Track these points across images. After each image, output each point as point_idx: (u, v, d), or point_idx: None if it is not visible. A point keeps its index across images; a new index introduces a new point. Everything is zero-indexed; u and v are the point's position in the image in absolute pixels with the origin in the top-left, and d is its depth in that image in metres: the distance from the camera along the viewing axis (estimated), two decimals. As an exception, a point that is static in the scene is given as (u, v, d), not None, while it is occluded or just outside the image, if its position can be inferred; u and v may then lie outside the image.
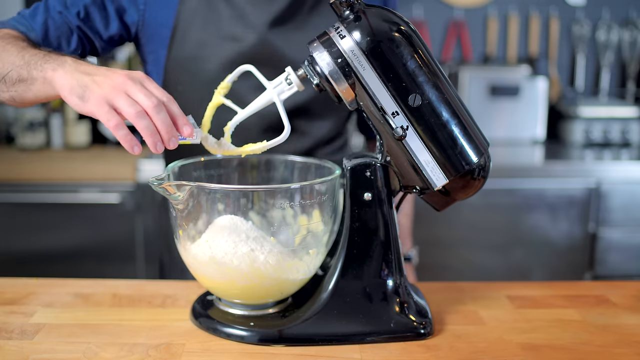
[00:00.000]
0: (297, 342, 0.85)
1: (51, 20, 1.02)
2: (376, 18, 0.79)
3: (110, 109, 0.76)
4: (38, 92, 0.84)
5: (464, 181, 0.85)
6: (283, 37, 1.08)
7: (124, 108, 0.76)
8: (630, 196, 2.36)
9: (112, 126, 0.75)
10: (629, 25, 2.90)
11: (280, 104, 0.86)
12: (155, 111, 0.76)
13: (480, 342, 0.86)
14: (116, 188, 2.19)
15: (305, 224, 0.87)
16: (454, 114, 0.82)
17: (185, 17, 1.07)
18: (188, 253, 0.87)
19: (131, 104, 0.76)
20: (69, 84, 0.78)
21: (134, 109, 0.76)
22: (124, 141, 0.76)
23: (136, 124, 0.76)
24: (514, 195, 2.33)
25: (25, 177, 2.19)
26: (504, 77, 2.63)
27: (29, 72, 0.84)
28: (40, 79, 0.83)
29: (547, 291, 1.04)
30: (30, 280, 1.04)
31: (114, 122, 0.75)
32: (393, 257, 0.87)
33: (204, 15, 1.07)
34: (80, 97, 0.77)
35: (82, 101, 0.77)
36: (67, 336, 0.85)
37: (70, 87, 0.78)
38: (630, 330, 0.91)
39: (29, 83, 0.84)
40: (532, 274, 2.39)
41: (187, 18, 1.07)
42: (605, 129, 2.64)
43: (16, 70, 0.85)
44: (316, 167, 0.97)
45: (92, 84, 0.78)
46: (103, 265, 2.23)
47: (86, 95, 0.77)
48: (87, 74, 0.79)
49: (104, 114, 0.75)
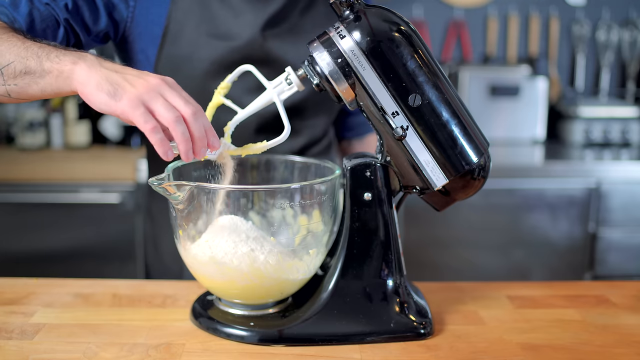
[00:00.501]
0: (297, 342, 0.85)
1: (36, 11, 0.95)
2: (376, 18, 0.79)
3: (146, 111, 0.72)
4: (46, 87, 0.79)
5: (464, 181, 0.85)
6: (276, 38, 1.08)
7: (162, 111, 0.73)
8: (630, 196, 2.36)
9: (149, 129, 0.72)
10: (629, 25, 2.90)
11: (281, 104, 0.86)
12: (193, 119, 0.74)
13: (480, 342, 0.86)
14: (116, 188, 2.19)
15: (305, 224, 0.87)
16: (454, 114, 0.82)
17: (178, 16, 1.06)
18: (188, 253, 0.86)
19: (169, 108, 0.73)
20: (95, 79, 0.74)
21: (173, 113, 0.73)
22: (159, 146, 0.73)
23: (173, 129, 0.73)
24: (514, 195, 2.33)
25: (25, 177, 2.19)
26: (504, 77, 2.63)
27: (39, 64, 0.79)
28: (54, 71, 0.78)
29: (547, 291, 1.04)
30: (30, 280, 1.04)
31: (151, 125, 0.72)
32: (393, 257, 0.87)
33: (197, 15, 1.06)
34: (110, 95, 0.73)
35: (113, 99, 0.73)
36: (67, 336, 0.85)
37: (97, 82, 0.74)
38: (630, 330, 0.91)
39: (38, 76, 0.79)
40: (532, 274, 2.39)
41: (179, 17, 1.06)
42: (605, 129, 2.64)
43: (21, 62, 0.80)
44: (316, 167, 0.97)
45: (124, 82, 0.74)
46: (103, 265, 2.23)
47: (119, 94, 0.73)
48: (116, 72, 0.76)
49: (139, 116, 0.72)
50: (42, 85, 0.79)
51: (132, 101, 0.73)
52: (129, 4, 1.04)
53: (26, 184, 2.19)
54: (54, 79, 0.78)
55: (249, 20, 1.06)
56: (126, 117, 0.73)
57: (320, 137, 1.21)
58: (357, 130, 1.34)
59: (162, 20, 1.06)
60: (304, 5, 1.11)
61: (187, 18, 1.06)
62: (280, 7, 1.07)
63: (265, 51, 1.07)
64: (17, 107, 2.48)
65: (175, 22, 1.06)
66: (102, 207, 2.19)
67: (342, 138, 1.36)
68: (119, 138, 2.50)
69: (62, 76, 0.78)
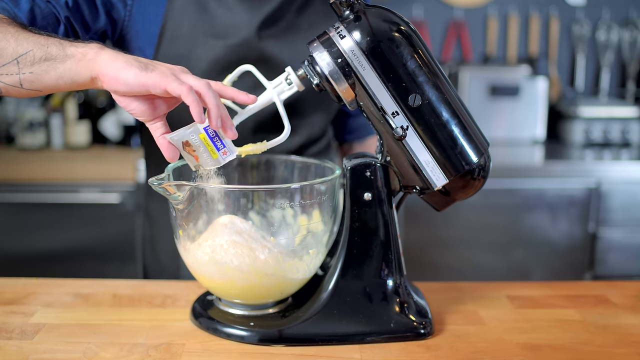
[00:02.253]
0: (297, 342, 0.85)
1: (37, 8, 0.96)
2: (376, 18, 0.79)
3: (177, 79, 0.75)
4: (64, 72, 0.80)
5: (464, 181, 0.85)
6: (272, 37, 1.08)
7: (192, 81, 0.76)
8: (630, 196, 2.36)
9: (186, 89, 0.74)
10: (629, 25, 2.90)
11: (281, 104, 0.86)
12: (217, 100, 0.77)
13: (480, 342, 0.86)
14: (116, 188, 2.19)
15: (305, 224, 0.87)
16: (454, 114, 0.82)
17: (175, 15, 1.06)
18: (188, 253, 0.87)
19: (199, 79, 0.77)
20: (123, 59, 0.76)
21: (204, 81, 0.76)
22: (195, 105, 0.74)
23: (205, 94, 0.75)
24: (514, 195, 2.33)
25: (25, 177, 2.19)
26: (504, 77, 2.63)
27: (62, 50, 0.80)
28: (77, 55, 0.79)
29: (547, 291, 1.04)
30: (30, 280, 1.04)
31: (187, 86, 0.74)
32: (393, 257, 0.87)
33: (194, 14, 1.07)
34: (142, 68, 0.75)
35: (144, 71, 0.75)
36: (67, 336, 0.85)
37: (125, 60, 0.76)
38: (630, 330, 0.91)
39: (59, 61, 0.80)
40: (532, 274, 2.39)
41: (176, 16, 1.06)
42: (605, 129, 2.65)
43: (41, 49, 0.80)
44: (316, 167, 0.97)
45: (151, 63, 0.77)
46: (103, 265, 2.23)
47: (150, 67, 0.76)
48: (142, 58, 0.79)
49: (173, 81, 0.74)
50: (61, 71, 0.80)
51: (163, 72, 0.75)
52: (127, 3, 1.04)
53: (26, 184, 2.19)
54: (76, 63, 0.79)
55: (245, 19, 1.06)
56: (157, 85, 0.75)
57: (318, 137, 1.21)
58: (358, 133, 1.34)
59: (159, 19, 1.06)
60: (300, 3, 1.11)
61: (183, 18, 1.06)
62: (276, 7, 1.07)
63: (262, 50, 1.07)
64: (17, 107, 2.48)
65: (172, 21, 1.06)
66: (102, 207, 2.19)
67: (344, 141, 1.36)
68: (119, 138, 2.50)
69: (85, 59, 0.79)
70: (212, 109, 0.76)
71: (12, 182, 2.18)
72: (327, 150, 1.25)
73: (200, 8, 1.07)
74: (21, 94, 0.84)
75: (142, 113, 0.79)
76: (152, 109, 0.79)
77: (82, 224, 2.20)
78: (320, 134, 1.21)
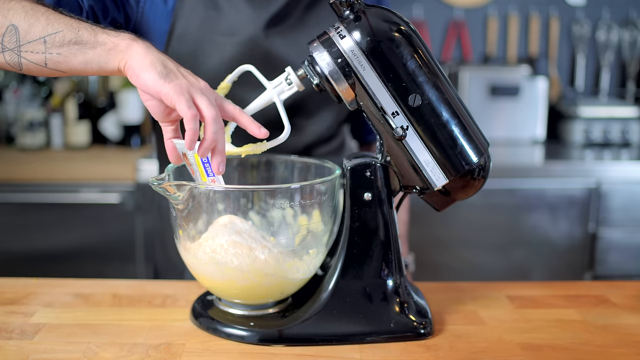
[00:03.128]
0: (297, 342, 0.85)
1: None
2: (376, 18, 0.79)
3: (190, 99, 0.75)
4: (93, 59, 0.80)
5: (464, 181, 0.85)
6: (279, 35, 1.08)
7: (204, 106, 0.76)
8: (630, 196, 2.36)
9: (191, 115, 0.74)
10: (629, 25, 2.90)
11: (280, 104, 0.86)
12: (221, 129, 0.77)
13: (480, 342, 0.86)
14: (116, 188, 2.19)
15: (305, 224, 0.87)
16: (454, 114, 0.82)
17: (184, 13, 1.07)
18: (188, 253, 0.87)
19: (212, 105, 0.76)
20: (150, 58, 0.77)
21: (215, 111, 0.76)
22: (191, 135, 0.75)
23: (208, 124, 0.75)
24: (514, 195, 2.33)
25: (25, 177, 2.19)
26: (504, 77, 2.63)
27: (93, 35, 0.79)
28: (109, 43, 0.79)
29: (547, 291, 1.04)
30: (30, 280, 1.04)
31: (193, 112, 0.74)
32: (393, 257, 0.87)
33: (203, 12, 1.07)
34: (162, 75, 0.75)
35: (163, 79, 0.75)
36: (67, 336, 0.85)
37: (151, 61, 0.76)
38: (630, 330, 0.91)
39: (89, 47, 0.79)
40: (532, 274, 2.39)
41: (185, 14, 1.07)
42: (605, 129, 2.64)
43: (72, 31, 0.80)
44: (316, 167, 0.97)
45: (177, 71, 0.77)
46: (103, 265, 2.23)
47: (170, 77, 0.76)
48: (171, 61, 0.79)
49: (185, 101, 0.74)
50: (90, 56, 0.80)
51: (180, 87, 0.75)
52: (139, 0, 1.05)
53: (26, 184, 2.19)
54: (106, 51, 0.79)
55: (252, 17, 1.06)
56: (169, 99, 0.75)
57: (328, 137, 1.19)
58: None
59: (169, 17, 1.07)
60: (308, 1, 1.10)
61: (192, 16, 1.07)
62: (283, 4, 1.07)
63: (268, 48, 1.07)
64: (17, 107, 2.48)
65: (182, 19, 1.07)
66: (102, 207, 2.19)
67: (364, 142, 1.35)
68: (119, 138, 2.50)
69: (116, 49, 0.79)
70: (206, 140, 0.76)
71: (12, 182, 2.18)
72: (340, 152, 1.24)
73: (209, 6, 1.07)
74: (43, 72, 0.83)
75: (157, 113, 0.79)
76: (167, 113, 0.80)
77: (82, 224, 2.20)
78: (330, 135, 1.20)
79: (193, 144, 0.75)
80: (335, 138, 1.22)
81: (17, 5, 0.82)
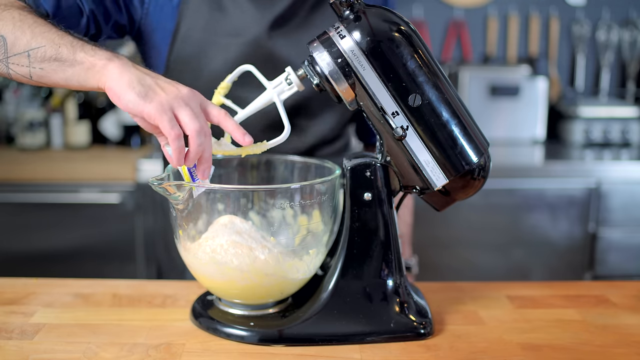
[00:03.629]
0: (297, 342, 0.85)
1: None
2: (376, 18, 0.79)
3: (173, 117, 0.74)
4: (72, 77, 0.79)
5: (464, 181, 0.85)
6: (283, 36, 1.08)
7: (187, 121, 0.74)
8: (630, 196, 2.36)
9: (175, 135, 0.73)
10: (629, 25, 2.90)
11: (280, 104, 0.86)
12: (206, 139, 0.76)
13: (480, 342, 0.86)
14: (116, 188, 2.19)
15: (305, 224, 0.87)
16: (454, 114, 0.82)
17: (189, 14, 1.07)
18: (188, 253, 0.87)
19: (194, 118, 0.75)
20: (127, 78, 0.75)
21: (197, 124, 0.75)
22: (177, 153, 0.74)
23: (192, 138, 0.75)
24: (514, 195, 2.33)
25: (25, 177, 2.19)
26: (504, 77, 2.63)
27: (72, 53, 0.79)
28: (86, 63, 0.78)
29: (547, 291, 1.04)
30: (30, 280, 1.04)
31: (176, 132, 0.73)
32: (393, 257, 0.87)
33: (207, 13, 1.07)
34: (141, 96, 0.74)
35: (143, 100, 0.74)
36: (67, 336, 0.85)
37: (128, 81, 0.75)
38: (630, 330, 0.91)
39: (68, 65, 0.79)
40: (532, 274, 2.39)
41: (190, 15, 1.07)
42: (605, 129, 2.64)
43: (53, 48, 0.79)
44: (316, 167, 0.97)
45: (156, 86, 0.75)
46: (103, 265, 2.23)
47: (149, 96, 0.74)
48: (148, 75, 0.77)
49: (167, 121, 0.73)
50: (69, 74, 0.79)
51: (161, 106, 0.74)
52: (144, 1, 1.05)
53: (26, 184, 2.19)
54: (84, 70, 0.79)
55: (256, 18, 1.06)
56: (152, 119, 0.74)
57: (331, 138, 1.19)
58: None
59: (174, 18, 1.07)
60: (313, 1, 1.10)
61: (197, 17, 1.07)
62: (287, 5, 1.07)
63: (271, 49, 1.07)
64: (17, 107, 2.48)
65: (186, 20, 1.07)
66: (102, 207, 2.19)
67: (368, 144, 1.35)
68: (119, 138, 2.50)
69: (93, 69, 0.78)
70: (190, 152, 0.76)
71: (12, 182, 2.18)
72: (343, 153, 1.23)
73: (214, 7, 1.07)
74: (31, 83, 0.83)
75: (145, 127, 0.79)
76: (154, 127, 0.78)
77: (82, 224, 2.20)
78: (334, 136, 1.19)
79: (180, 162, 0.75)
80: (339, 139, 1.22)
81: (8, 15, 0.82)
